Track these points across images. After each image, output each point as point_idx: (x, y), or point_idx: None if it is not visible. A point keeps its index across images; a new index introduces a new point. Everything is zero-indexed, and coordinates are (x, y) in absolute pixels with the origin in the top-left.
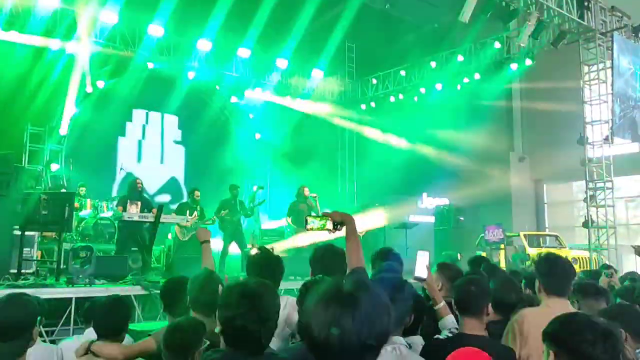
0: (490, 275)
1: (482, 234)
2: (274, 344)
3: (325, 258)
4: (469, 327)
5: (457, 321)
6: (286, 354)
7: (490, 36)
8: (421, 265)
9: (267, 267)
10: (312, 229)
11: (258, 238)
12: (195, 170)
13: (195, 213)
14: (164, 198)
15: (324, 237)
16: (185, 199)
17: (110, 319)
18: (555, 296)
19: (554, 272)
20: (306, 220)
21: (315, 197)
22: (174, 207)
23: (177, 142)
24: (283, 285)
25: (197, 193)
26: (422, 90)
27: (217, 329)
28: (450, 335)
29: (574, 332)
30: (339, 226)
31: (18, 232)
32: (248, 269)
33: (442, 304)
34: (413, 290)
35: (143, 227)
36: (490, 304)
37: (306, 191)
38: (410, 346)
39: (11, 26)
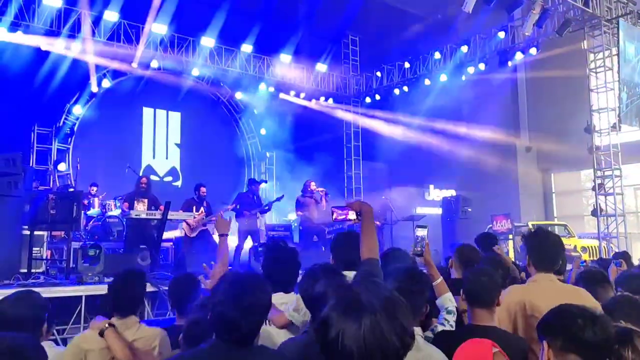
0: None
1: (490, 225)
2: None
3: (346, 244)
4: (479, 317)
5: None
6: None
7: (494, 26)
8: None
9: (282, 260)
10: (336, 219)
11: (264, 233)
12: (201, 166)
13: (202, 209)
14: (167, 179)
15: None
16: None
17: (123, 291)
18: (543, 271)
19: (542, 246)
20: (332, 211)
21: (322, 191)
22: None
23: (182, 139)
24: None
25: (202, 189)
26: (427, 82)
27: None
28: (446, 319)
29: (563, 319)
30: (359, 216)
31: (27, 232)
32: (264, 263)
33: (440, 280)
34: (429, 280)
35: (151, 224)
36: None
37: (312, 185)
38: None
39: (16, 27)
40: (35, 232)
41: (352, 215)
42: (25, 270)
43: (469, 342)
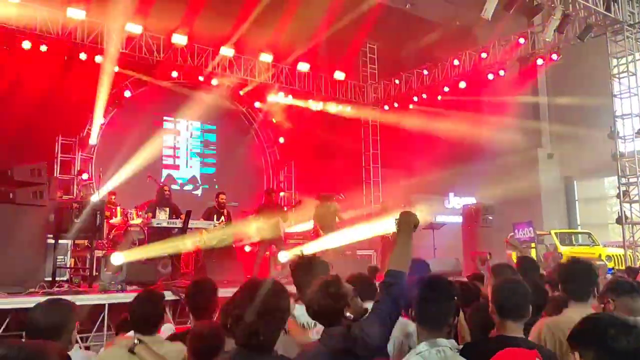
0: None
1: (512, 233)
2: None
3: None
4: (509, 330)
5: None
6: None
7: (514, 32)
8: None
9: (312, 271)
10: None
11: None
12: (220, 175)
13: (223, 218)
14: (187, 187)
15: (347, 240)
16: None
17: (145, 310)
18: (575, 302)
19: (573, 277)
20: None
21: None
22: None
23: (202, 148)
24: None
25: (222, 197)
26: (446, 88)
27: None
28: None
29: (595, 328)
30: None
31: (52, 241)
32: (293, 273)
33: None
34: (455, 288)
35: (172, 232)
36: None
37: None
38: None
39: (41, 39)
40: (60, 241)
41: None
42: (50, 279)
43: (510, 352)
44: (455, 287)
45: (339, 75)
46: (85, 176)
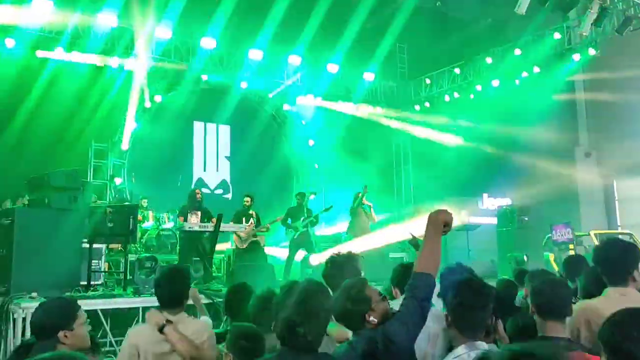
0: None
1: (549, 234)
2: None
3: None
4: (552, 329)
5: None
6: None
7: (549, 27)
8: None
9: (344, 271)
10: None
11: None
12: (250, 179)
13: (252, 221)
14: (218, 191)
15: (379, 243)
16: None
17: (171, 287)
18: (614, 285)
19: (610, 258)
20: None
21: (370, 205)
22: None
23: (231, 151)
24: None
25: (247, 199)
26: (479, 87)
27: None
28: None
29: (617, 330)
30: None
31: (86, 245)
32: (328, 271)
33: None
34: (493, 292)
35: (203, 236)
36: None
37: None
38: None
39: (73, 47)
40: (94, 245)
41: None
42: (85, 282)
43: (579, 356)
44: (492, 291)
45: (369, 76)
46: (118, 181)
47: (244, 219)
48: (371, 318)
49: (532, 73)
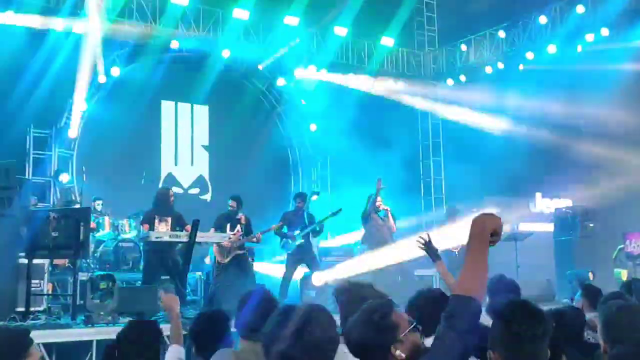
0: None
1: (621, 245)
2: None
3: None
4: None
5: None
6: None
7: None
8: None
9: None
10: None
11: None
12: (235, 174)
13: (239, 228)
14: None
15: (402, 256)
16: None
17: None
18: None
19: None
20: None
21: (387, 210)
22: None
23: (210, 140)
24: None
25: (232, 204)
26: (530, 55)
27: None
28: None
29: None
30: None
31: (24, 260)
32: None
33: None
34: (551, 319)
35: (175, 249)
36: None
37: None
38: None
39: (7, 5)
40: (34, 261)
41: None
42: (23, 309)
43: None
44: (549, 319)
45: (387, 41)
46: (64, 178)
47: (228, 225)
48: (398, 352)
49: (599, 37)
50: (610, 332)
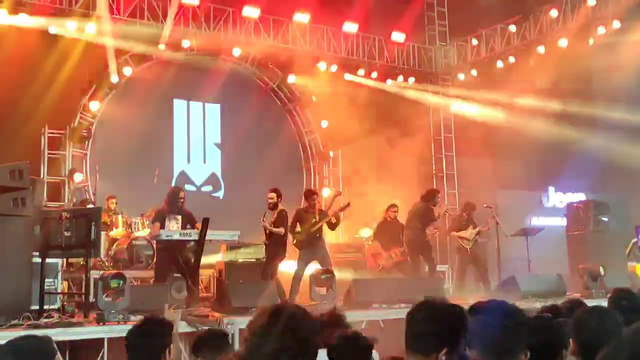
0: None
1: (635, 239)
2: None
3: None
4: None
5: None
6: None
7: None
8: None
9: None
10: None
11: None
12: (247, 171)
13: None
14: (206, 188)
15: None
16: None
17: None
18: None
19: None
20: None
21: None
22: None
23: (222, 138)
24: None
25: (272, 196)
26: (541, 49)
27: None
28: None
29: None
30: None
31: (38, 260)
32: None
33: None
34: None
35: (186, 247)
36: None
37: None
38: None
39: (19, 7)
40: (48, 260)
41: None
42: (37, 307)
43: None
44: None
45: (398, 36)
46: (78, 177)
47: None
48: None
49: (611, 29)
50: (580, 333)
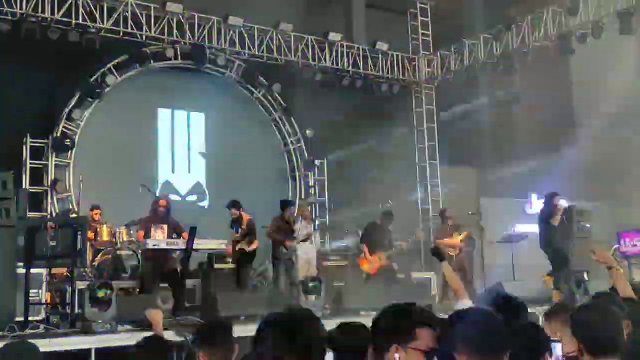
0: None
1: (616, 245)
2: None
3: None
4: None
5: None
6: None
7: None
8: None
9: None
10: None
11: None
12: (232, 181)
13: (241, 230)
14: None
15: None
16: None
17: None
18: None
19: None
20: None
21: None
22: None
23: (207, 147)
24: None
25: (233, 211)
26: (523, 57)
27: None
28: None
29: None
30: None
31: (22, 270)
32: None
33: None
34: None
35: (172, 256)
36: None
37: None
38: None
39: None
40: (32, 270)
41: None
42: (22, 318)
43: None
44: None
45: (382, 45)
46: (61, 187)
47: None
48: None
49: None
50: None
